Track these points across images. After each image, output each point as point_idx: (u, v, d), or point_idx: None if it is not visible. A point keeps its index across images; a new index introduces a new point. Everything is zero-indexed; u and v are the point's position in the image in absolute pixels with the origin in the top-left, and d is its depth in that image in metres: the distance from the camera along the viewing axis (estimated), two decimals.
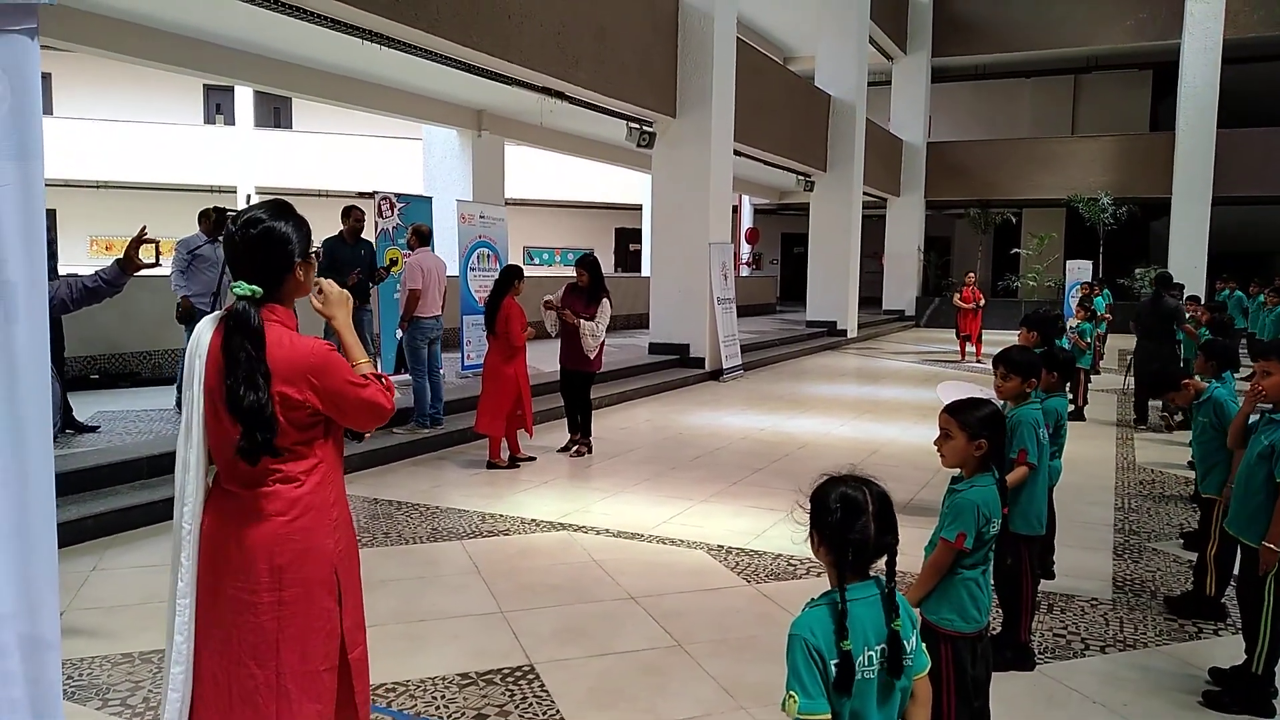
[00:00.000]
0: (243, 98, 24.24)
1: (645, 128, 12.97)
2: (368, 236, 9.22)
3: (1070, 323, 10.38)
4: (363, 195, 18.80)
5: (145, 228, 3.91)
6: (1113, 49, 24.38)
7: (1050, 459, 4.12)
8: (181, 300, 7.62)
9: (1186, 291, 14.39)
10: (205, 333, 2.19)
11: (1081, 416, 9.98)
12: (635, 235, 28.73)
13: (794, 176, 19.36)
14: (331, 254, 8.13)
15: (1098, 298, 12.84)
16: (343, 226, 8.44)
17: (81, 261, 23.00)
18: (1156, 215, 23.92)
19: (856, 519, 1.85)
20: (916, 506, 6.19)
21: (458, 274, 10.54)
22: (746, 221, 29.63)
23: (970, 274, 16.96)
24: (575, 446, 7.93)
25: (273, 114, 25.93)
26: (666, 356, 13.11)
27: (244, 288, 2.18)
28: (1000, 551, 3.08)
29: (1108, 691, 3.66)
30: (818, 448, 8.47)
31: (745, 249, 29.69)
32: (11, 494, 1.96)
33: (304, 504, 2.19)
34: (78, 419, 7.15)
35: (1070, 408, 9.11)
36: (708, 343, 13.18)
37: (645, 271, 20.34)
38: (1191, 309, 11.69)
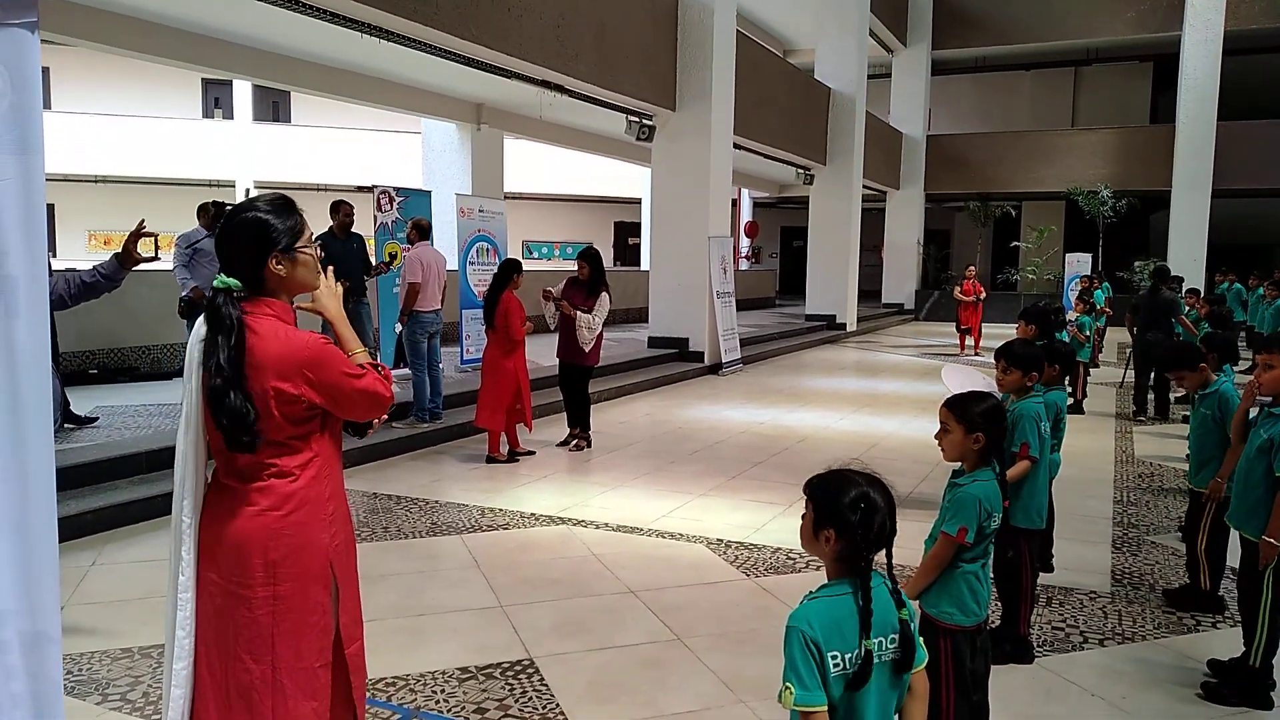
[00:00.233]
0: (241, 92, 24.20)
1: (645, 121, 12.95)
2: (365, 230, 9.23)
3: (1069, 316, 10.38)
4: (361, 189, 18.82)
5: (143, 221, 3.90)
6: (1113, 41, 24.35)
7: (1049, 452, 4.13)
8: (192, 291, 7.58)
9: (1186, 284, 14.37)
10: (203, 326, 2.19)
11: (1080, 410, 9.98)
12: (634, 229, 28.71)
13: (793, 170, 19.33)
14: (323, 249, 8.12)
15: (1097, 291, 12.84)
16: (332, 222, 8.48)
17: (80, 256, 23.03)
18: (1156, 208, 23.89)
19: (874, 516, 1.88)
20: (916, 500, 6.20)
21: (457, 268, 10.54)
22: (746, 215, 29.60)
23: (971, 267, 17.04)
24: (574, 440, 7.93)
25: (271, 108, 25.88)
26: (666, 350, 13.11)
27: (221, 280, 2.17)
28: (1001, 545, 3.09)
29: (1106, 684, 3.67)
30: (817, 441, 8.48)
31: (745, 243, 29.68)
32: (12, 490, 1.96)
33: (298, 499, 2.18)
34: (76, 412, 7.15)
35: (1069, 401, 9.12)
36: (707, 336, 13.18)
37: (644, 265, 20.33)
38: (1191, 302, 11.68)
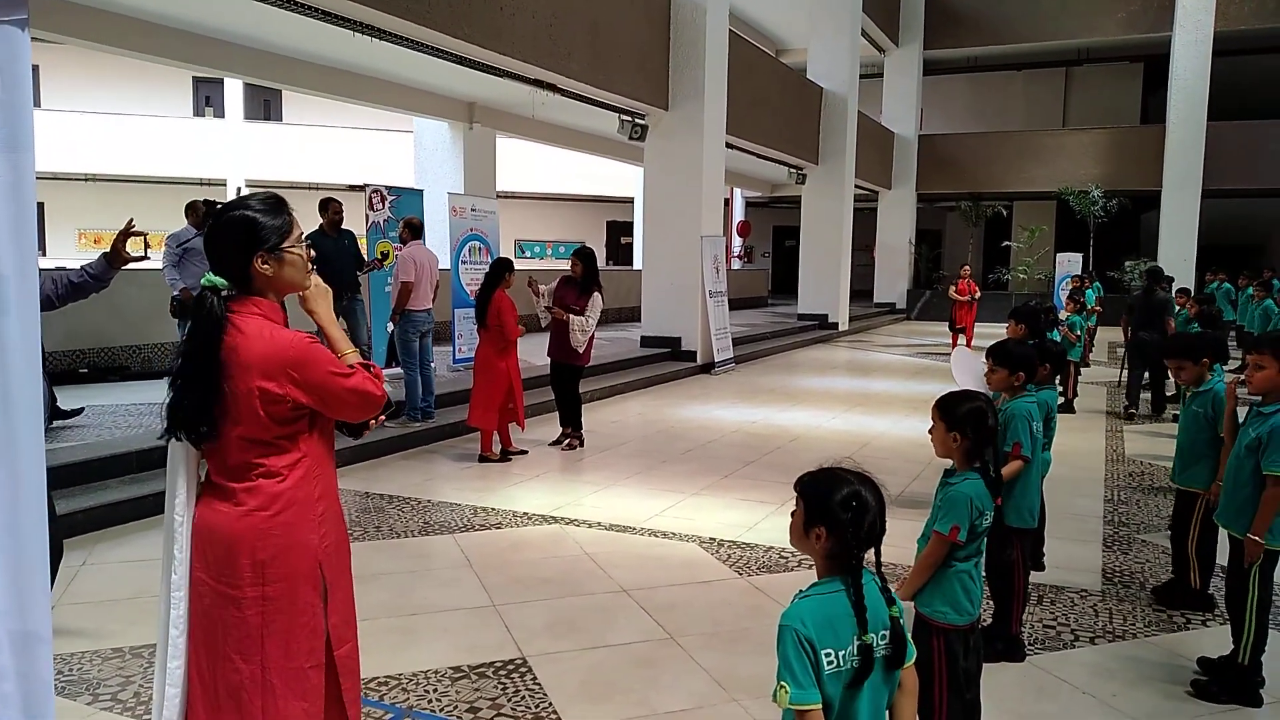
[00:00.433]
0: (232, 90, 24.09)
1: (637, 120, 12.95)
2: (358, 229, 9.22)
3: (1060, 315, 10.43)
4: (354, 188, 18.79)
5: (132, 220, 3.88)
6: (1104, 41, 24.44)
7: (1041, 451, 4.14)
8: (181, 292, 7.57)
9: (1177, 284, 14.45)
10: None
11: (1071, 409, 10.02)
12: (627, 228, 28.70)
13: (786, 169, 19.36)
14: (314, 248, 8.11)
15: (1088, 290, 12.89)
16: (322, 220, 8.47)
17: (70, 255, 22.92)
18: (1146, 208, 23.98)
19: (865, 515, 1.89)
20: (907, 499, 6.21)
21: (449, 267, 10.52)
22: (738, 214, 29.62)
23: (965, 266, 17.15)
24: (567, 440, 7.93)
25: (263, 106, 25.78)
26: (658, 350, 13.11)
27: (209, 279, 2.16)
28: (995, 545, 3.10)
29: (1097, 682, 3.69)
30: (809, 440, 8.49)
31: (737, 242, 29.68)
32: (2, 489, 1.95)
33: (286, 499, 2.17)
34: (62, 408, 7.13)
35: (1060, 400, 9.16)
36: (699, 336, 13.18)
37: (637, 265, 20.33)
38: (1180, 301, 11.74)
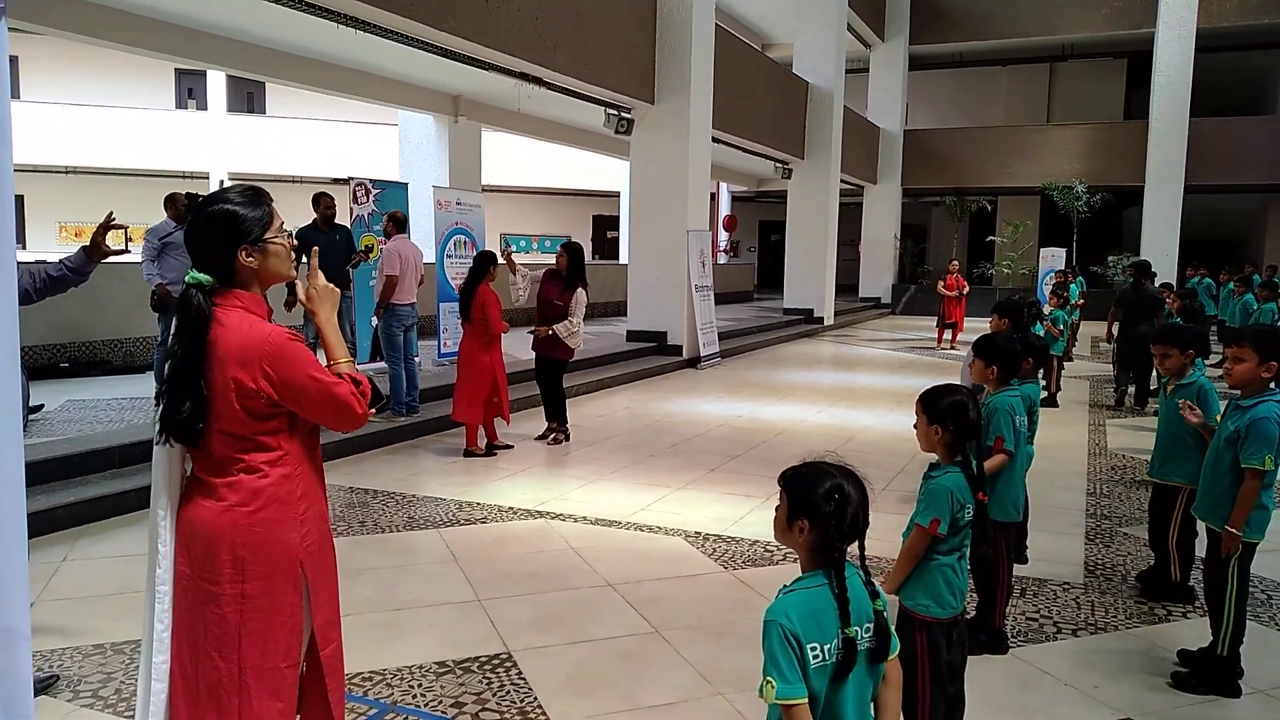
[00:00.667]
0: (215, 82, 23.88)
1: (623, 114, 12.92)
2: (342, 222, 9.19)
3: (1045, 309, 10.48)
4: (338, 181, 18.65)
5: (112, 213, 3.83)
6: (1088, 37, 24.55)
7: (1024, 444, 4.17)
8: (157, 288, 7.53)
9: (1159, 279, 14.52)
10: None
11: (1054, 402, 10.08)
12: (613, 222, 28.65)
13: (772, 164, 19.37)
14: (307, 242, 8.09)
15: (1071, 285, 12.96)
16: (314, 214, 8.46)
17: (50, 248, 22.68)
18: (1130, 203, 24.15)
19: (848, 508, 1.89)
20: (892, 493, 6.24)
21: (434, 261, 10.48)
22: (724, 209, 29.63)
23: (954, 261, 17.26)
24: (552, 434, 7.91)
25: (246, 99, 25.58)
26: (644, 344, 13.11)
27: (193, 276, 2.14)
28: (979, 539, 3.12)
29: (1079, 674, 3.71)
30: (794, 434, 8.51)
31: (723, 236, 29.70)
32: None
33: (266, 495, 2.15)
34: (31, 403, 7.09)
35: (1044, 394, 9.20)
36: (685, 330, 13.19)
37: (623, 259, 20.30)
38: (1163, 295, 11.80)
